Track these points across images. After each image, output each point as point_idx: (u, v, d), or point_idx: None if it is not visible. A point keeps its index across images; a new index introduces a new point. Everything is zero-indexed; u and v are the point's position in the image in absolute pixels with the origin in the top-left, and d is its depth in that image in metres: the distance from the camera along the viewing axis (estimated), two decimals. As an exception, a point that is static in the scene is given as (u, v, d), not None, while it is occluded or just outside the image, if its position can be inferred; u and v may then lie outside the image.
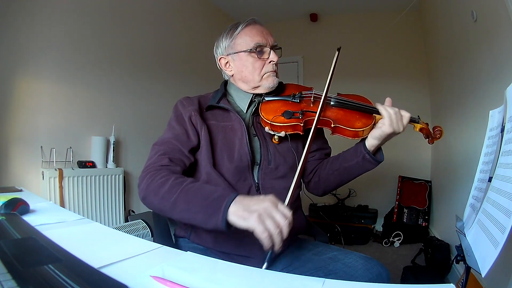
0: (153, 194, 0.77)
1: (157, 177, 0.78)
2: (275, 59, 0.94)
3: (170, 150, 0.86)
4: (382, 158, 0.92)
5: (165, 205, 0.75)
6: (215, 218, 0.66)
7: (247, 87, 0.97)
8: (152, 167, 0.82)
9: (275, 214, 0.62)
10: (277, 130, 0.91)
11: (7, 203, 0.80)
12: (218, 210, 0.66)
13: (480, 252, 0.66)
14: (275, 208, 0.63)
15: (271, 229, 0.61)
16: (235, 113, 0.94)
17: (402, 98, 3.26)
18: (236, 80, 0.99)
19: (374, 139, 0.88)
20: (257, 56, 0.94)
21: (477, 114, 1.73)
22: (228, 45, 0.96)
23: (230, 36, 0.96)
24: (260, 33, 0.94)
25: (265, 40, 0.94)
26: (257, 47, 0.93)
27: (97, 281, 0.43)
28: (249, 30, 0.94)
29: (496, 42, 1.46)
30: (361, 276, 0.76)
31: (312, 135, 0.83)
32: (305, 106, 0.94)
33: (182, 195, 0.73)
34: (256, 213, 0.62)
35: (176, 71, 2.84)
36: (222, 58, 0.99)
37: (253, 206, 0.64)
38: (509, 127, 0.71)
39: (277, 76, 0.97)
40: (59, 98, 1.88)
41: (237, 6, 3.45)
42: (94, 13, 2.07)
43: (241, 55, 0.94)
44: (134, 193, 2.35)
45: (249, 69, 0.94)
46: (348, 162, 0.94)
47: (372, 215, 3.07)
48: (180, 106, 0.94)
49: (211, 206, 0.68)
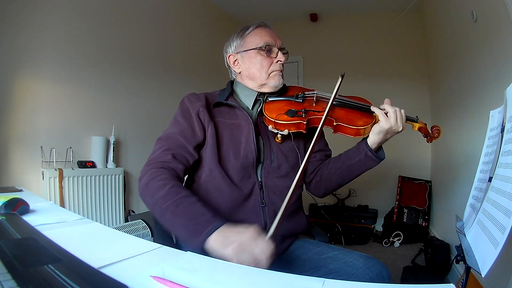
0: (150, 196, 0.79)
1: (157, 178, 0.80)
2: (282, 59, 0.98)
3: (174, 146, 0.88)
4: (383, 155, 0.95)
5: (156, 209, 0.77)
6: (194, 241, 0.67)
7: (253, 85, 0.99)
8: (155, 163, 0.84)
9: (254, 247, 0.62)
10: (280, 128, 0.93)
11: (7, 203, 0.80)
12: (199, 235, 0.67)
13: (480, 252, 0.66)
14: (254, 241, 0.63)
15: (245, 263, 0.60)
16: (242, 110, 0.96)
17: (402, 98, 3.26)
18: (243, 77, 1.01)
19: (375, 134, 0.90)
20: (266, 55, 0.97)
21: (477, 114, 1.73)
22: (239, 43, 1.00)
23: (241, 36, 1.00)
24: (270, 35, 0.99)
25: (274, 41, 0.98)
26: (266, 45, 0.96)
27: (97, 281, 0.43)
28: (259, 31, 0.99)
29: (496, 42, 1.46)
30: (361, 275, 0.77)
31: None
32: (308, 105, 0.97)
33: (172, 207, 0.74)
34: (234, 244, 0.62)
35: (176, 71, 2.83)
36: (231, 56, 1.02)
37: (232, 237, 0.64)
38: (509, 127, 0.71)
39: (282, 77, 1.00)
40: (59, 98, 1.88)
41: (237, 7, 3.45)
42: (94, 13, 2.07)
43: (250, 52, 0.98)
44: (134, 193, 2.35)
45: (257, 66, 0.97)
46: (351, 160, 0.95)
47: (372, 215, 3.07)
48: (187, 101, 0.95)
49: (194, 229, 0.69)
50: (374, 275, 0.77)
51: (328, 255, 0.87)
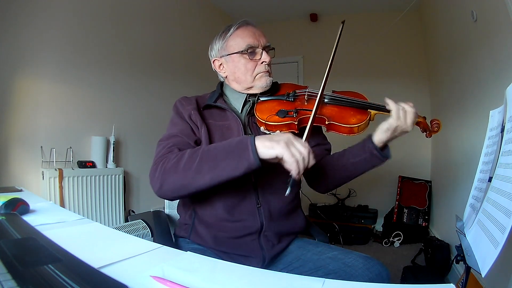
0: (173, 172, 0.77)
1: (171, 158, 0.79)
2: (267, 59, 0.95)
3: (178, 142, 0.87)
4: (389, 154, 0.92)
5: (188, 174, 0.75)
6: (246, 157, 0.71)
7: (240, 88, 0.98)
8: (161, 157, 0.83)
9: (297, 143, 0.70)
10: (272, 130, 0.92)
11: (7, 203, 0.80)
12: (246, 148, 0.71)
13: (480, 252, 0.66)
14: (295, 139, 0.71)
15: (296, 154, 0.68)
16: (231, 112, 0.95)
17: (402, 98, 3.20)
18: (230, 81, 1.00)
19: (382, 132, 0.88)
20: (249, 58, 0.95)
21: (477, 114, 1.73)
22: (221, 47, 0.98)
23: (223, 38, 0.97)
24: (252, 35, 0.95)
25: (257, 41, 0.95)
26: (248, 48, 0.94)
27: (97, 281, 0.43)
28: (241, 32, 0.95)
29: (496, 42, 1.46)
30: (361, 276, 0.77)
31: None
32: (299, 104, 0.95)
33: (204, 157, 0.75)
34: (282, 141, 0.69)
35: (176, 71, 2.84)
36: (216, 60, 1.00)
37: (276, 137, 0.71)
38: (509, 127, 0.71)
39: (270, 76, 0.98)
40: (59, 98, 1.88)
41: (237, 6, 3.45)
42: (94, 13, 2.07)
43: (234, 56, 0.95)
44: (134, 193, 2.35)
45: (242, 70, 0.95)
46: (356, 158, 0.93)
47: (372, 215, 3.07)
48: (179, 105, 0.96)
49: (237, 150, 0.72)
50: (373, 275, 0.77)
51: (327, 255, 0.86)
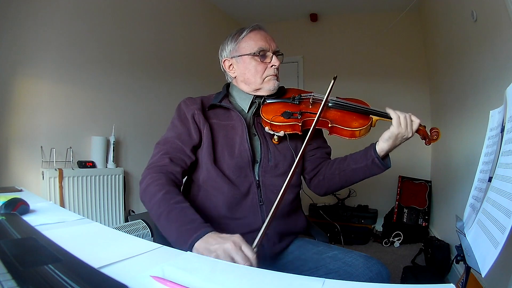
0: (147, 200, 0.83)
1: (154, 182, 0.83)
2: (276, 63, 0.98)
3: (171, 149, 0.91)
4: (390, 164, 0.96)
5: (153, 214, 0.81)
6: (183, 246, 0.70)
7: (248, 89, 1.01)
8: (154, 167, 0.88)
9: (235, 255, 0.62)
10: (276, 130, 0.94)
11: (7, 203, 0.80)
12: (185, 242, 0.69)
13: (480, 252, 0.66)
14: (236, 249, 0.63)
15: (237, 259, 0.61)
16: (236, 112, 0.97)
17: (402, 98, 3.26)
18: (239, 82, 1.02)
19: (384, 141, 0.91)
20: (260, 60, 0.97)
21: (477, 114, 1.73)
22: (233, 48, 1.00)
23: (235, 39, 1.00)
24: (264, 38, 0.98)
25: (268, 45, 0.98)
26: (260, 51, 0.97)
27: (97, 281, 0.43)
28: (253, 35, 0.98)
29: (496, 42, 1.46)
30: (361, 275, 0.77)
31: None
32: (304, 107, 0.98)
33: (165, 213, 0.77)
34: (214, 253, 0.63)
35: (176, 72, 2.83)
36: (226, 60, 1.02)
37: (214, 245, 0.65)
38: (509, 127, 0.71)
39: (277, 80, 1.01)
40: (59, 98, 1.88)
41: (237, 7, 3.45)
42: (94, 13, 2.07)
43: (245, 58, 0.98)
44: (134, 193, 2.35)
45: (252, 72, 0.98)
46: (357, 164, 0.96)
47: (372, 215, 3.07)
48: (184, 105, 0.98)
49: (182, 236, 0.72)
50: (373, 274, 0.77)
51: (327, 255, 0.87)
